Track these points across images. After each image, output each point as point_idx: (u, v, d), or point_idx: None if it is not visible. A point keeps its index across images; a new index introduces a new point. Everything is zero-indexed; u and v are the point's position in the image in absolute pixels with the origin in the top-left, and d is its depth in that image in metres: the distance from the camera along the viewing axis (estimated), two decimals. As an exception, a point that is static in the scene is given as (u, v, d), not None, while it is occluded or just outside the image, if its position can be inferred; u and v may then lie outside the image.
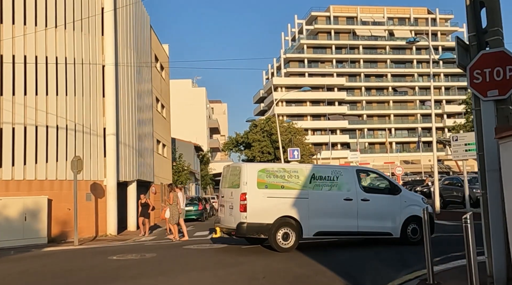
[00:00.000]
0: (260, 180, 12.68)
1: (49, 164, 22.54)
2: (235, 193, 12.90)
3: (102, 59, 24.90)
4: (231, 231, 13.01)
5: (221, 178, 14.66)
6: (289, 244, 12.60)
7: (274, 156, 46.73)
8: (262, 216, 12.54)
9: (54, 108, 22.84)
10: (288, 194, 12.79)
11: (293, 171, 13.08)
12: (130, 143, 26.72)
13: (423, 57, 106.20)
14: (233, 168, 13.87)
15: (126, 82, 26.63)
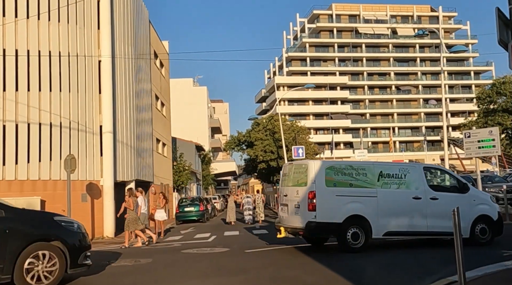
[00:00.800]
0: (328, 178, 12.25)
1: (42, 163, 21.52)
2: (301, 192, 12.41)
3: (98, 53, 23.88)
4: (298, 231, 12.54)
5: (281, 176, 14.15)
6: (359, 244, 12.11)
7: (277, 155, 45.64)
8: (331, 215, 12.10)
9: (48, 105, 21.82)
10: (357, 192, 12.35)
11: (360, 168, 12.63)
12: (128, 141, 25.67)
13: (427, 55, 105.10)
14: (298, 165, 13.28)
15: (123, 78, 25.59)
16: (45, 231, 8.61)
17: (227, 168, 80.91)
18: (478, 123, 45.07)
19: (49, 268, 8.36)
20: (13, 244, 8.06)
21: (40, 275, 8.29)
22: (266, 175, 50.76)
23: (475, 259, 10.03)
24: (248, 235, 19.75)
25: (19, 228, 8.27)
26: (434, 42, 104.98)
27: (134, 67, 27.44)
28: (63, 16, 22.59)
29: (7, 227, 8.10)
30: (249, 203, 29.18)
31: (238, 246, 14.85)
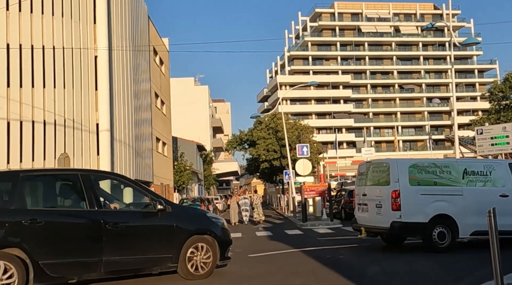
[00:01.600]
0: (412, 177, 11.87)
1: (36, 162, 20.64)
2: (383, 191, 12.04)
3: (94, 49, 22.96)
4: (382, 231, 12.26)
5: (357, 176, 13.68)
6: (445, 244, 11.66)
7: (280, 154, 44.69)
8: (416, 214, 11.71)
9: (41, 101, 20.96)
10: (442, 190, 11.93)
11: (444, 166, 12.22)
12: (126, 140, 24.77)
13: (430, 54, 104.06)
14: (378, 164, 12.92)
15: (121, 74, 24.69)
16: (201, 226, 9.27)
17: (229, 168, 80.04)
18: (490, 120, 43.94)
19: (205, 259, 9.02)
20: (178, 237, 8.82)
21: (198, 265, 8.95)
22: (268, 175, 49.79)
23: None
24: (251, 237, 18.82)
25: (182, 222, 9.00)
26: (437, 40, 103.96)
27: (133, 64, 26.54)
28: (57, 10, 21.72)
29: (174, 221, 8.87)
30: (246, 204, 28.75)
31: (241, 249, 13.90)
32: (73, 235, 7.99)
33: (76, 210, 8.34)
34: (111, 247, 8.11)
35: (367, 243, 14.25)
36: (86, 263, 7.94)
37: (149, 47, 31.79)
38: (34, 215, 7.67)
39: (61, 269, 7.71)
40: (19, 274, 7.30)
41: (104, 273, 8.13)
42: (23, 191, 7.89)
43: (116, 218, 8.36)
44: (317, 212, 27.85)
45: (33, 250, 7.49)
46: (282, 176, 38.97)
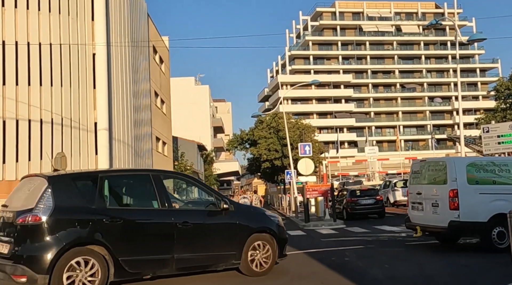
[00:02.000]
0: (470, 175, 11.62)
1: (32, 162, 20.19)
2: (440, 190, 11.87)
3: (92, 46, 22.51)
4: (439, 230, 12.06)
5: (410, 174, 13.52)
6: (504, 244, 11.23)
7: (282, 154, 44.24)
8: (475, 214, 11.45)
9: (38, 100, 20.50)
10: (501, 189, 11.67)
11: (503, 164, 11.99)
12: (125, 139, 24.31)
13: (432, 53, 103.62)
14: (433, 163, 12.78)
15: (120, 73, 24.23)
16: (261, 224, 9.44)
17: (230, 167, 79.48)
18: (496, 118, 43.37)
19: (265, 257, 9.22)
20: (241, 235, 9.03)
21: (259, 262, 9.13)
22: (270, 175, 49.32)
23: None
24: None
25: (244, 220, 9.20)
26: (439, 39, 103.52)
27: (132, 62, 26.10)
28: (54, 6, 21.27)
29: (237, 219, 9.09)
30: (246, 203, 28.66)
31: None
32: (148, 233, 8.28)
33: (149, 209, 8.57)
34: (182, 244, 8.41)
35: (372, 245, 13.81)
36: (160, 260, 8.23)
37: (149, 45, 31.35)
38: (113, 214, 7.96)
39: (138, 265, 8.01)
40: (102, 270, 7.57)
41: (175, 269, 8.43)
42: (102, 190, 8.14)
43: (186, 216, 8.66)
44: (320, 212, 27.32)
45: (113, 247, 7.73)
46: (284, 176, 38.50)
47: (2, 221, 7.95)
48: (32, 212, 7.44)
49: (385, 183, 34.68)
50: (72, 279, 7.34)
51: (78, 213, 7.72)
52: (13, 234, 7.53)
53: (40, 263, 7.24)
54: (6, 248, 7.54)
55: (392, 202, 31.07)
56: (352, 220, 24.65)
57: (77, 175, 9.02)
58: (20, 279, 7.21)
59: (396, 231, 17.81)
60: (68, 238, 7.45)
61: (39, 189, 7.73)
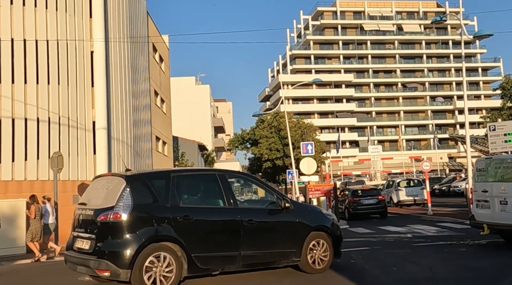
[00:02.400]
0: None
1: (29, 162, 19.71)
2: (509, 188, 11.73)
3: (90, 44, 22.06)
4: (508, 228, 11.88)
5: (475, 172, 13.36)
6: None
7: (283, 153, 43.76)
8: None
9: (34, 98, 19.99)
10: None
11: None
12: (124, 138, 23.86)
13: (433, 52, 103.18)
14: (500, 160, 12.60)
15: (119, 71, 23.78)
16: (319, 222, 9.63)
17: (231, 167, 78.52)
18: (502, 116, 42.84)
19: (323, 255, 9.39)
20: (301, 232, 9.25)
21: (318, 259, 9.30)
22: (271, 174, 48.86)
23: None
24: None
25: (303, 219, 9.42)
26: (440, 38, 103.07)
27: (131, 60, 25.65)
28: (51, 2, 20.78)
29: (297, 218, 9.31)
30: None
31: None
32: (217, 230, 8.52)
33: (217, 207, 8.82)
34: (247, 242, 8.64)
35: (378, 246, 13.38)
36: (228, 257, 8.49)
37: (148, 43, 30.92)
38: (186, 212, 8.22)
39: (209, 262, 8.29)
40: (177, 265, 7.92)
41: (241, 266, 8.68)
42: (174, 189, 8.40)
43: (250, 214, 8.87)
44: (322, 212, 26.97)
45: (187, 243, 8.02)
46: (285, 176, 38.05)
47: (81, 218, 8.34)
48: (113, 210, 7.79)
49: (388, 183, 34.19)
50: (150, 274, 7.67)
51: (155, 211, 8.05)
52: (95, 230, 7.90)
53: (122, 258, 7.57)
54: (87, 244, 7.95)
55: (396, 202, 30.61)
56: (354, 220, 24.25)
57: (152, 174, 9.44)
58: (104, 273, 7.60)
59: (402, 231, 17.37)
60: (146, 234, 7.77)
61: (118, 188, 8.03)
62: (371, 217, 25.42)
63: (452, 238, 14.03)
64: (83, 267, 7.98)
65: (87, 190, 9.05)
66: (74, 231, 8.50)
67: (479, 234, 12.56)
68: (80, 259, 7.99)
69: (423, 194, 28.82)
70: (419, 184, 31.04)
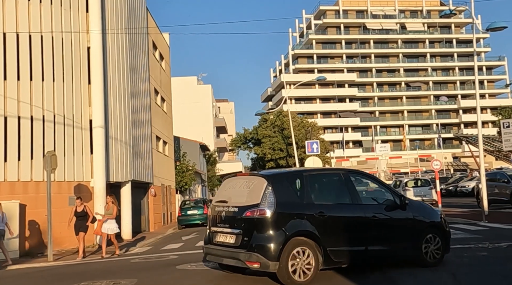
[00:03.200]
0: None
1: (22, 162, 18.90)
2: None
3: (87, 39, 21.24)
4: None
5: None
6: None
7: (287, 153, 42.90)
8: None
9: (28, 96, 19.20)
10: None
11: None
12: (122, 137, 23.02)
13: (437, 51, 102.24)
14: None
15: (117, 68, 22.92)
16: (432, 218, 9.89)
17: (233, 168, 77.96)
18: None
19: (436, 248, 9.63)
20: (417, 228, 9.55)
21: (431, 253, 9.57)
22: (274, 175, 47.93)
23: None
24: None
25: (418, 215, 9.70)
26: (444, 37, 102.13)
27: (130, 57, 24.78)
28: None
29: (412, 214, 9.60)
30: None
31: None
32: (347, 226, 8.91)
33: (345, 204, 9.16)
34: (372, 237, 9.02)
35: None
36: (356, 251, 8.88)
37: (148, 40, 30.08)
38: (320, 209, 8.65)
39: (341, 256, 8.68)
40: (315, 259, 8.35)
41: (367, 260, 9.14)
42: (308, 187, 8.88)
43: (373, 211, 9.25)
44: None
45: (322, 238, 8.44)
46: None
47: (224, 215, 8.89)
48: (259, 207, 8.32)
49: (395, 183, 33.28)
50: (294, 267, 8.15)
51: (294, 207, 8.52)
52: (241, 226, 8.45)
53: (271, 251, 8.07)
54: (232, 238, 8.57)
55: (403, 203, 29.66)
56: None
57: (288, 173, 9.73)
58: (254, 265, 8.14)
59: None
60: (290, 230, 8.25)
61: (260, 187, 8.54)
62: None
63: (469, 241, 13.11)
64: (231, 260, 8.54)
65: (223, 189, 9.66)
66: (213, 227, 9.15)
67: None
68: (227, 252, 8.59)
69: (431, 194, 27.92)
70: (427, 183, 30.15)
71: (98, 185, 20.60)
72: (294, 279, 8.11)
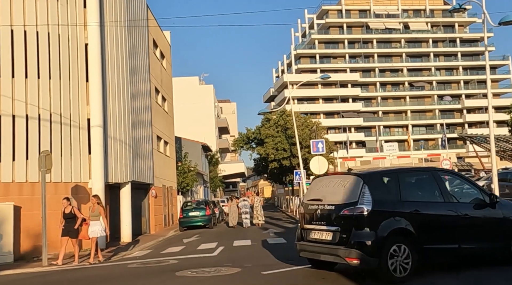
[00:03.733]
0: None
1: (17, 162, 18.24)
2: None
3: (84, 36, 20.55)
4: None
5: None
6: None
7: (290, 153, 42.12)
8: None
9: (23, 94, 18.54)
10: None
11: None
12: (122, 137, 22.31)
13: (440, 50, 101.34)
14: None
15: (116, 65, 22.22)
16: None
17: (236, 169, 77.53)
18: None
19: None
20: (507, 228, 9.42)
21: None
22: (277, 175, 47.16)
23: None
24: (263, 245, 16.36)
25: (509, 214, 9.54)
26: (448, 37, 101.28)
27: (129, 54, 24.07)
28: (42, -10, 19.29)
29: (502, 214, 9.48)
30: (246, 206, 28.26)
31: (252, 263, 11.44)
32: (441, 224, 8.96)
33: (439, 202, 9.16)
34: (464, 235, 9.04)
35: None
36: (450, 249, 8.94)
37: (148, 38, 29.38)
38: (415, 207, 8.77)
39: (435, 253, 8.80)
40: (412, 255, 8.46)
41: (460, 258, 9.22)
42: (402, 186, 8.96)
43: (465, 209, 9.21)
44: (333, 215, 25.34)
45: (418, 236, 8.54)
46: (292, 177, 36.40)
47: (319, 213, 9.08)
48: (357, 205, 8.45)
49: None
50: (393, 263, 8.28)
51: (390, 205, 8.64)
52: (338, 223, 8.63)
53: (370, 248, 8.21)
54: (329, 235, 8.76)
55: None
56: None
57: (383, 172, 9.73)
58: (353, 261, 8.27)
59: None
60: (387, 227, 8.40)
61: (356, 185, 8.69)
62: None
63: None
64: (329, 256, 8.74)
65: (314, 188, 9.75)
66: (307, 224, 9.36)
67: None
68: (324, 249, 8.81)
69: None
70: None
71: (96, 186, 19.90)
72: (393, 275, 8.24)
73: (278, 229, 24.01)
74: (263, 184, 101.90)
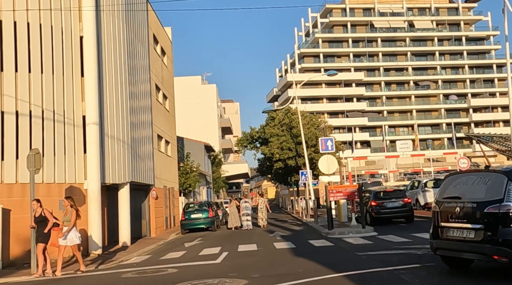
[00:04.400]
0: None
1: (6, 162, 17.05)
2: None
3: (79, 28, 19.37)
4: None
5: None
6: None
7: (296, 152, 40.88)
8: None
9: (13, 89, 17.33)
10: None
11: None
12: (119, 135, 21.11)
13: (446, 49, 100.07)
14: None
15: (113, 60, 21.01)
16: None
17: (239, 169, 76.41)
18: None
19: None
20: None
21: None
22: (282, 176, 45.90)
23: None
24: (270, 251, 15.15)
25: None
26: (453, 35, 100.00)
27: (127, 49, 22.86)
28: (33, -21, 18.12)
29: None
30: (247, 207, 27.43)
31: (260, 273, 10.21)
32: None
33: None
34: None
35: (431, 262, 10.47)
36: None
37: (148, 33, 28.20)
38: None
39: None
40: None
41: None
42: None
43: None
44: (342, 217, 24.16)
45: None
46: (298, 177, 35.14)
47: (458, 211, 8.82)
48: (503, 202, 8.14)
49: (413, 183, 31.26)
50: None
51: None
52: (482, 221, 8.32)
53: None
54: (472, 233, 8.47)
55: (423, 205, 27.69)
56: (377, 225, 21.46)
57: None
58: (502, 259, 8.02)
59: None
60: None
61: (500, 182, 8.38)
62: (394, 221, 22.78)
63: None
64: (473, 254, 8.54)
65: (450, 186, 9.47)
66: (444, 222, 9.09)
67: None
68: (467, 247, 8.53)
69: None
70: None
71: (92, 187, 18.71)
72: None
73: (284, 231, 22.81)
74: (266, 185, 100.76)
